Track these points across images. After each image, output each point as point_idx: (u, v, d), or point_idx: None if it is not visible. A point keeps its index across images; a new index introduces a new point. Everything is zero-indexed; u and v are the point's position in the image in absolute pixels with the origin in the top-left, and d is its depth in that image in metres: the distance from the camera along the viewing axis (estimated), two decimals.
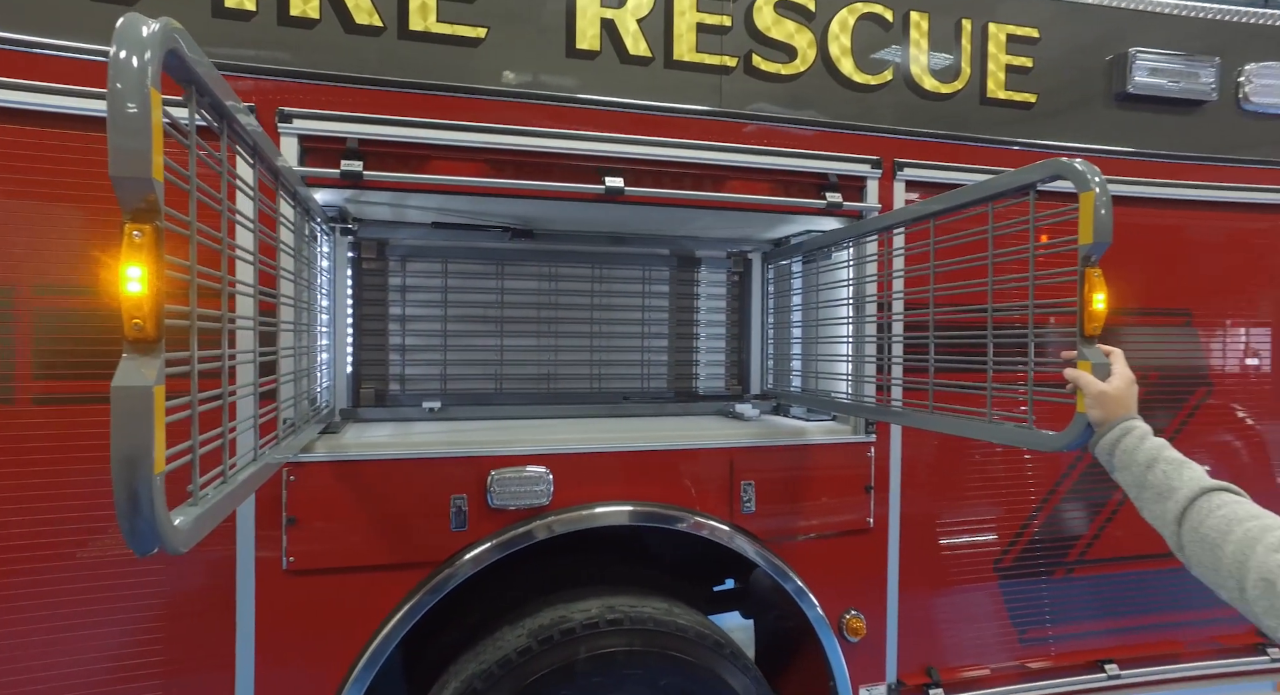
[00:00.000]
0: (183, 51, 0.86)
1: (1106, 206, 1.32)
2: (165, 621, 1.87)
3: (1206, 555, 1.08)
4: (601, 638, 2.06)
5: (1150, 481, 1.21)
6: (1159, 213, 2.70)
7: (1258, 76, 2.70)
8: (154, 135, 0.76)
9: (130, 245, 0.76)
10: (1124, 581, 2.71)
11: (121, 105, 0.74)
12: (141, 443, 0.76)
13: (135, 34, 0.77)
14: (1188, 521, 1.13)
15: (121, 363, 0.77)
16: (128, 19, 0.79)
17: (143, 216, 0.77)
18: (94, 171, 1.78)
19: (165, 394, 0.80)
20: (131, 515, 0.77)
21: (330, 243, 2.44)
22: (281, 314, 1.64)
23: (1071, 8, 2.60)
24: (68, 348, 1.78)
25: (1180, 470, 1.19)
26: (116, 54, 0.76)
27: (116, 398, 0.76)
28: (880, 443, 2.45)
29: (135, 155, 0.75)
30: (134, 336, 0.77)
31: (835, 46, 2.39)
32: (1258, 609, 1.00)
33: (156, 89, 0.77)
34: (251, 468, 1.22)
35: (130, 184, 0.76)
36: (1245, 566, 1.02)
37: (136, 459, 0.76)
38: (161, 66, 0.79)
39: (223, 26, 1.92)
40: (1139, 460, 1.23)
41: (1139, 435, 1.27)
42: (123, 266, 0.76)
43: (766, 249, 3.01)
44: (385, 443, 2.10)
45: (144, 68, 0.76)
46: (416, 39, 2.06)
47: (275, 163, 1.47)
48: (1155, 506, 1.19)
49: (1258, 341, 2.85)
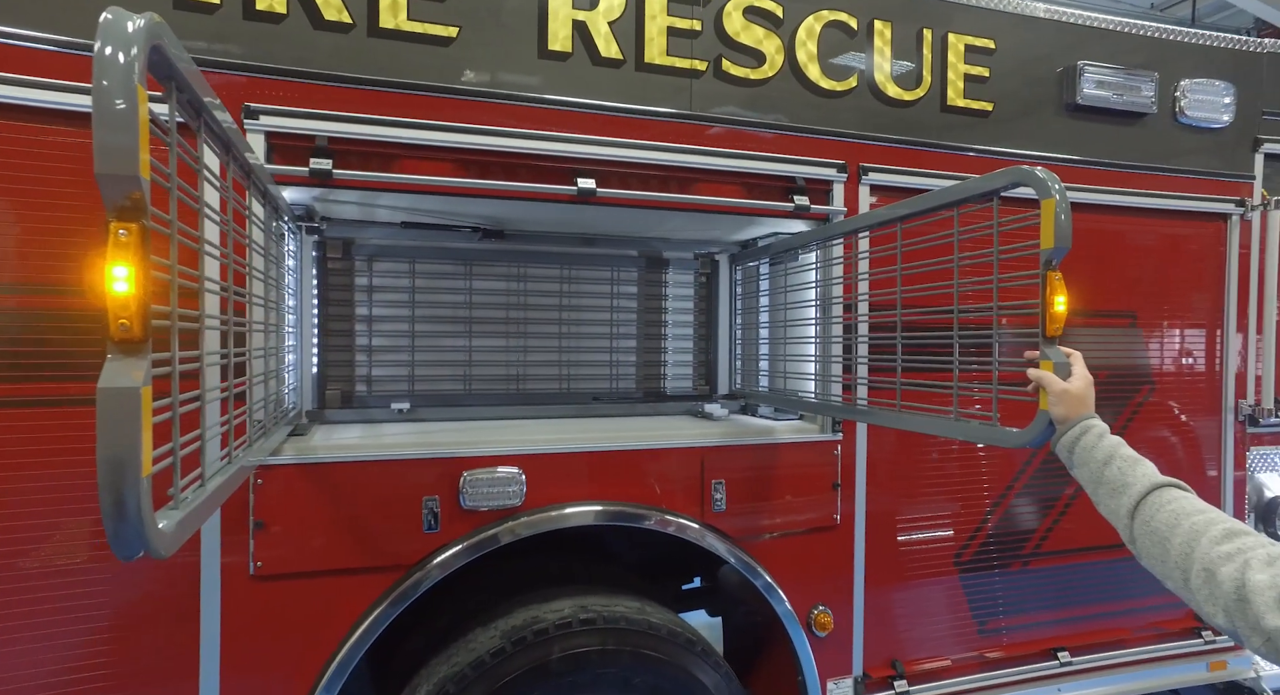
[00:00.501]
0: (166, 48, 0.85)
1: (1066, 212, 1.38)
2: (125, 631, 1.82)
3: (1156, 548, 1.15)
4: (575, 637, 2.07)
5: (1106, 477, 1.27)
6: (1106, 218, 2.83)
7: (1192, 92, 2.86)
8: (140, 132, 0.74)
9: (116, 244, 0.74)
10: (1075, 572, 2.83)
11: (108, 102, 0.72)
12: (129, 445, 0.74)
13: (121, 30, 0.75)
14: (1140, 516, 1.19)
15: (107, 364, 0.75)
16: (113, 14, 0.77)
17: (128, 215, 0.75)
18: (48, 165, 1.72)
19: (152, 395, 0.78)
20: (118, 518, 0.75)
21: (296, 241, 2.39)
22: (253, 314, 1.61)
23: (1025, 20, 2.71)
24: (15, 350, 1.72)
25: (1134, 467, 1.25)
26: (102, 50, 0.74)
27: (104, 399, 0.74)
28: (846, 441, 2.51)
29: (122, 152, 0.73)
30: (121, 337, 0.75)
31: (802, 52, 2.44)
32: (1200, 597, 1.06)
33: (142, 86, 0.75)
34: (228, 470, 1.20)
35: (116, 182, 0.74)
36: (1190, 558, 1.08)
37: (124, 461, 0.74)
38: (147, 63, 0.78)
39: (185, 19, 1.87)
40: (1096, 457, 1.30)
41: (1097, 433, 1.33)
42: (108, 265, 0.74)
43: (734, 250, 3.05)
44: (356, 444, 2.08)
45: (130, 64, 0.74)
46: (387, 37, 2.04)
47: (248, 160, 1.44)
48: (1110, 501, 1.26)
49: (1194, 342, 3.01)
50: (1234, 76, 2.93)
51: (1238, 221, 2.97)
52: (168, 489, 0.94)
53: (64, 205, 1.73)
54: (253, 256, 1.59)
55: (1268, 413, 2.99)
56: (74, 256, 1.73)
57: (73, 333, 1.74)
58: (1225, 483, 3.01)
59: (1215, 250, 2.99)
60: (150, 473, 0.78)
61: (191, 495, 1.00)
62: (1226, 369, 3.00)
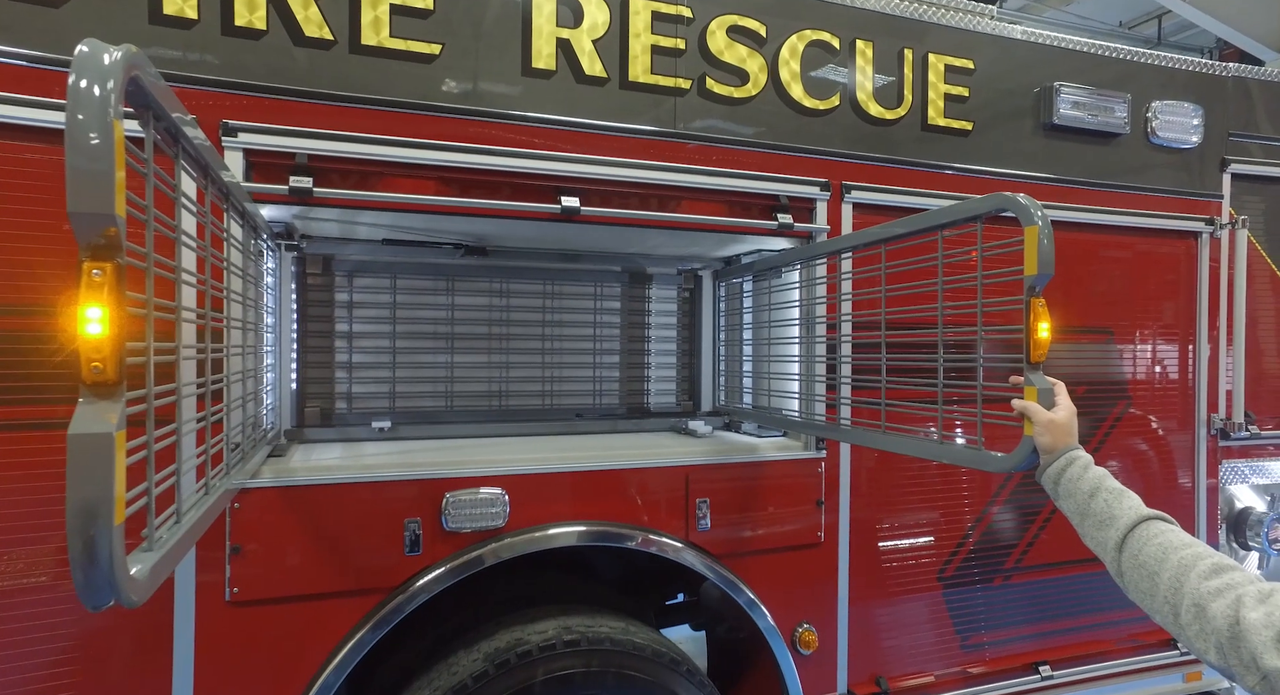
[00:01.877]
0: (143, 78, 0.82)
1: (1049, 239, 1.40)
2: (95, 659, 1.76)
3: (1144, 582, 1.15)
4: (559, 659, 2.05)
5: (1093, 510, 1.27)
6: (1082, 236, 2.88)
7: (1163, 113, 2.93)
8: (116, 167, 0.72)
9: (89, 284, 0.72)
10: (1055, 586, 2.86)
11: (83, 136, 0.70)
12: (101, 492, 0.71)
13: (97, 62, 0.73)
14: (1127, 549, 1.20)
15: (79, 408, 0.73)
16: (89, 47, 0.74)
17: (103, 253, 0.72)
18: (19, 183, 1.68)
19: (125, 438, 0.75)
20: (87, 567, 0.72)
21: (275, 258, 2.35)
22: (231, 337, 1.57)
23: (1002, 42, 2.75)
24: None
25: (1120, 499, 1.26)
26: (77, 83, 0.72)
27: (74, 446, 0.71)
28: (830, 458, 2.51)
29: (97, 188, 0.71)
30: (93, 380, 0.73)
31: (785, 71, 2.46)
32: (1190, 633, 1.07)
33: (119, 120, 0.73)
34: (206, 502, 1.16)
35: (90, 220, 0.71)
36: (1179, 593, 1.08)
37: (95, 509, 0.71)
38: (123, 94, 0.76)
39: (160, 33, 1.84)
40: (1082, 489, 1.30)
41: (1082, 465, 1.34)
42: (81, 307, 0.72)
43: (717, 267, 3.06)
44: (335, 465, 2.04)
45: (106, 97, 0.72)
46: (369, 53, 2.02)
47: (225, 181, 1.41)
48: (1097, 534, 1.26)
49: (1168, 357, 3.06)
50: (1201, 99, 3.00)
51: (1208, 239, 3.04)
52: (141, 530, 0.91)
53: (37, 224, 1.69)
54: (230, 280, 1.56)
55: (1238, 426, 3.05)
56: (48, 277, 1.69)
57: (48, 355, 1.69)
58: (1199, 494, 3.06)
59: (1187, 267, 3.05)
60: (124, 519, 0.76)
61: (166, 534, 0.96)
62: (1199, 383, 3.06)
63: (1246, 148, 3.11)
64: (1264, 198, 3.15)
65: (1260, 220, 3.14)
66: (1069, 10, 10.90)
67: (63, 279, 1.70)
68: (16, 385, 1.69)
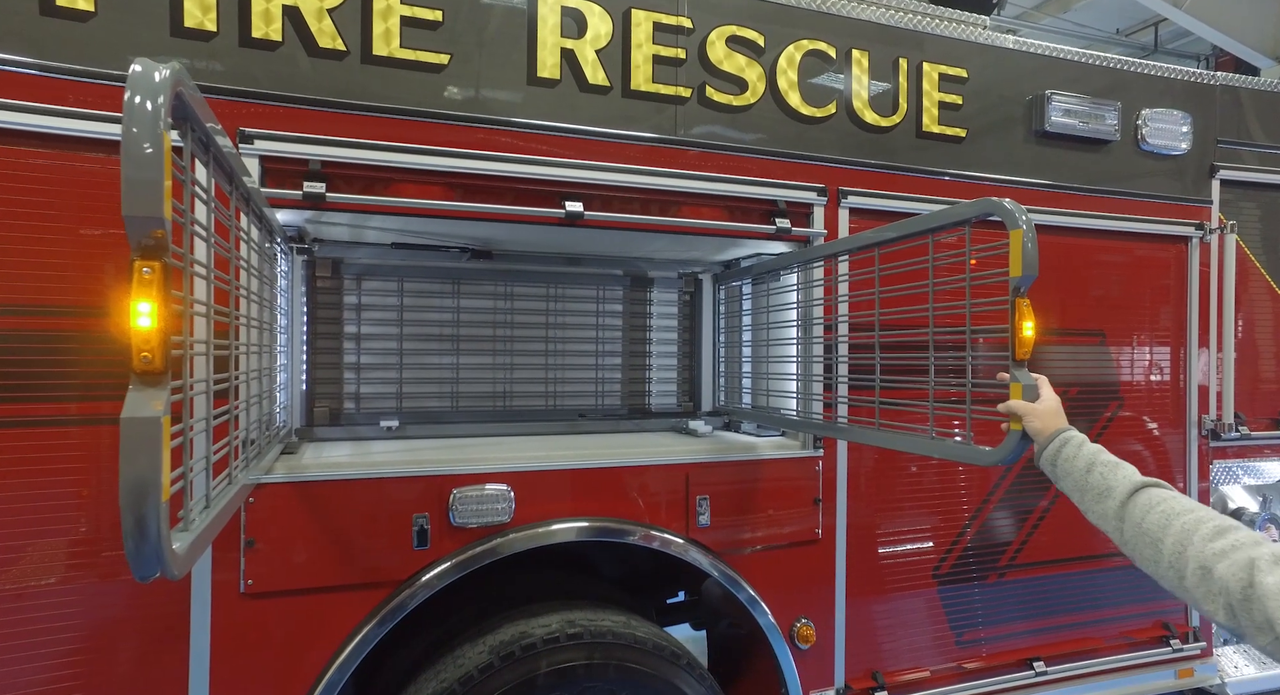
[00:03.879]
0: (185, 93, 0.89)
1: (1033, 242, 1.46)
2: (114, 650, 1.82)
3: (1149, 549, 1.18)
4: (562, 652, 2.10)
5: (1090, 484, 1.31)
6: (1075, 241, 2.94)
7: (1153, 120, 3.00)
8: (165, 175, 0.79)
9: (140, 281, 0.78)
10: (1049, 583, 2.91)
11: (137, 147, 0.77)
12: (151, 471, 0.78)
13: (149, 80, 0.80)
14: (1129, 517, 1.23)
15: (130, 394, 0.79)
16: (141, 66, 0.81)
17: (152, 253, 0.79)
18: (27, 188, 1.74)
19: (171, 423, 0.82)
20: (139, 540, 0.78)
21: (287, 261, 2.42)
22: (250, 336, 1.64)
23: (995, 51, 2.82)
24: None
25: (1115, 471, 1.30)
26: (132, 99, 0.78)
27: (127, 428, 0.78)
28: (827, 457, 2.57)
29: (148, 193, 0.77)
30: (143, 369, 0.79)
31: (783, 80, 2.53)
32: (1197, 594, 1.10)
33: (168, 132, 0.80)
34: (230, 491, 1.23)
35: (142, 222, 0.78)
36: (1184, 557, 1.11)
37: (146, 487, 0.78)
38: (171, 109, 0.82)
39: (181, 45, 1.91)
40: (1078, 467, 1.34)
41: (1076, 444, 1.38)
42: (133, 302, 0.78)
43: (717, 270, 3.13)
44: (346, 462, 2.10)
45: (158, 112, 0.79)
46: (380, 64, 2.09)
47: (247, 186, 1.48)
48: (1097, 507, 1.30)
49: (1160, 359, 3.12)
50: (1190, 106, 3.07)
51: (1198, 244, 3.10)
52: (178, 511, 0.97)
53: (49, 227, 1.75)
54: (251, 280, 1.62)
55: (1228, 427, 3.10)
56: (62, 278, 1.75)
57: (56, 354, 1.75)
58: (1191, 494, 3.12)
59: (1178, 271, 3.12)
60: (169, 496, 0.82)
61: (199, 517, 1.03)
62: (1190, 385, 3.12)
63: (1235, 154, 3.17)
64: (1255, 203, 3.22)
65: (1250, 225, 3.21)
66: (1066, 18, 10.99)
67: (76, 280, 1.77)
68: (29, 382, 1.75)
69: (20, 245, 1.74)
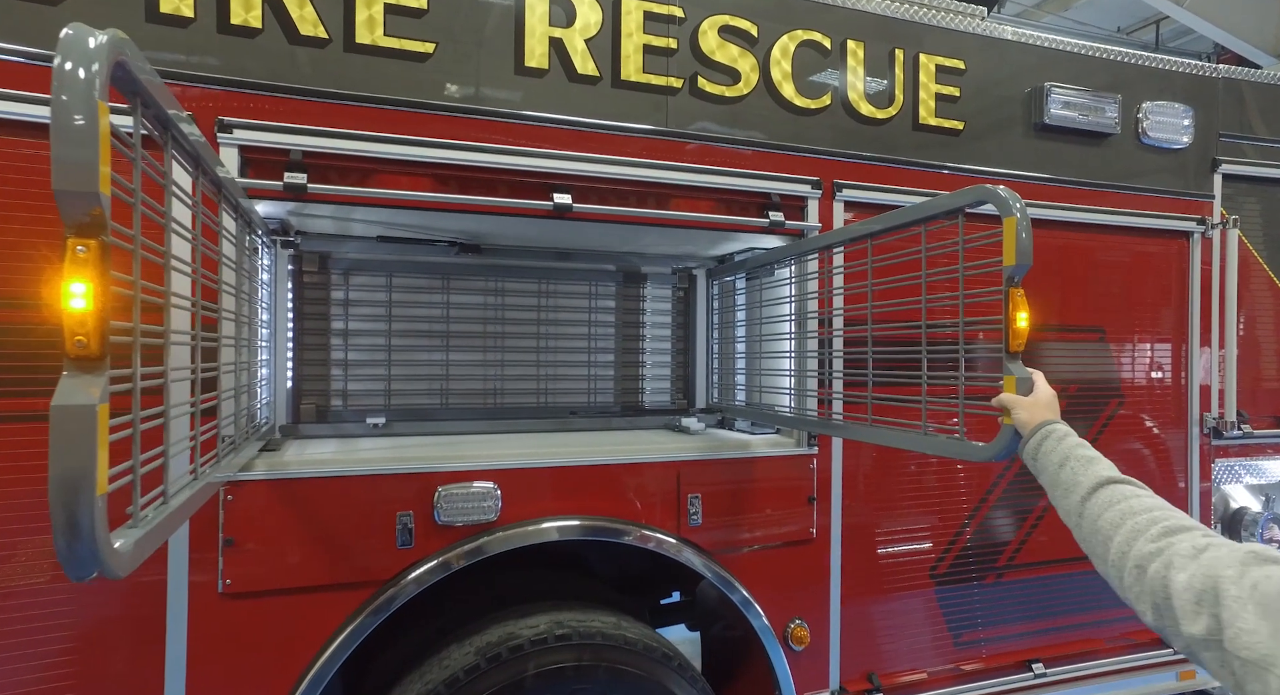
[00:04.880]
0: (130, 64, 0.84)
1: (1027, 230, 1.41)
2: (88, 652, 1.77)
3: (1099, 547, 1.12)
4: (550, 653, 2.06)
5: (1061, 479, 1.25)
6: (1074, 235, 2.89)
7: (1153, 114, 2.95)
8: (101, 149, 0.74)
9: (74, 260, 0.74)
10: (1048, 584, 2.86)
11: (67, 118, 0.72)
12: (83, 463, 0.73)
13: (82, 46, 0.75)
14: (1087, 514, 1.16)
15: (62, 381, 0.75)
16: (74, 30, 0.76)
17: (87, 231, 0.74)
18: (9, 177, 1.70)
19: (109, 412, 0.77)
20: (70, 538, 0.74)
21: (271, 255, 2.38)
22: (223, 329, 1.59)
23: (994, 42, 2.77)
24: None
25: (1087, 467, 1.22)
26: (62, 65, 0.74)
27: (57, 417, 0.73)
28: (822, 455, 2.52)
29: (81, 169, 0.73)
30: (77, 354, 0.74)
31: (777, 71, 2.48)
32: (1131, 596, 1.03)
33: (104, 102, 0.75)
34: (193, 487, 1.18)
35: (75, 198, 0.73)
36: (1126, 557, 1.05)
37: (78, 480, 0.73)
38: (109, 79, 0.78)
39: (157, 32, 1.86)
40: (1054, 460, 1.28)
41: (1057, 437, 1.32)
42: (66, 282, 0.74)
43: (711, 265, 3.08)
44: (328, 459, 2.06)
45: (91, 80, 0.74)
46: (363, 52, 2.05)
47: (218, 174, 1.44)
48: (1063, 502, 1.23)
49: (1161, 356, 3.07)
50: (1192, 100, 3.02)
51: (1199, 239, 3.05)
52: (126, 507, 0.92)
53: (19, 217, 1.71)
54: (223, 271, 1.58)
55: (1230, 425, 3.05)
56: (31, 270, 1.71)
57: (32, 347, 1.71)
58: (1192, 493, 3.07)
59: (1179, 267, 3.07)
60: (106, 491, 0.77)
61: (153, 513, 0.98)
62: (1192, 382, 3.07)
63: (1237, 148, 3.12)
64: (1257, 198, 3.17)
65: (1253, 220, 3.16)
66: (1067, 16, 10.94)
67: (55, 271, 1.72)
68: (13, 377, 1.71)
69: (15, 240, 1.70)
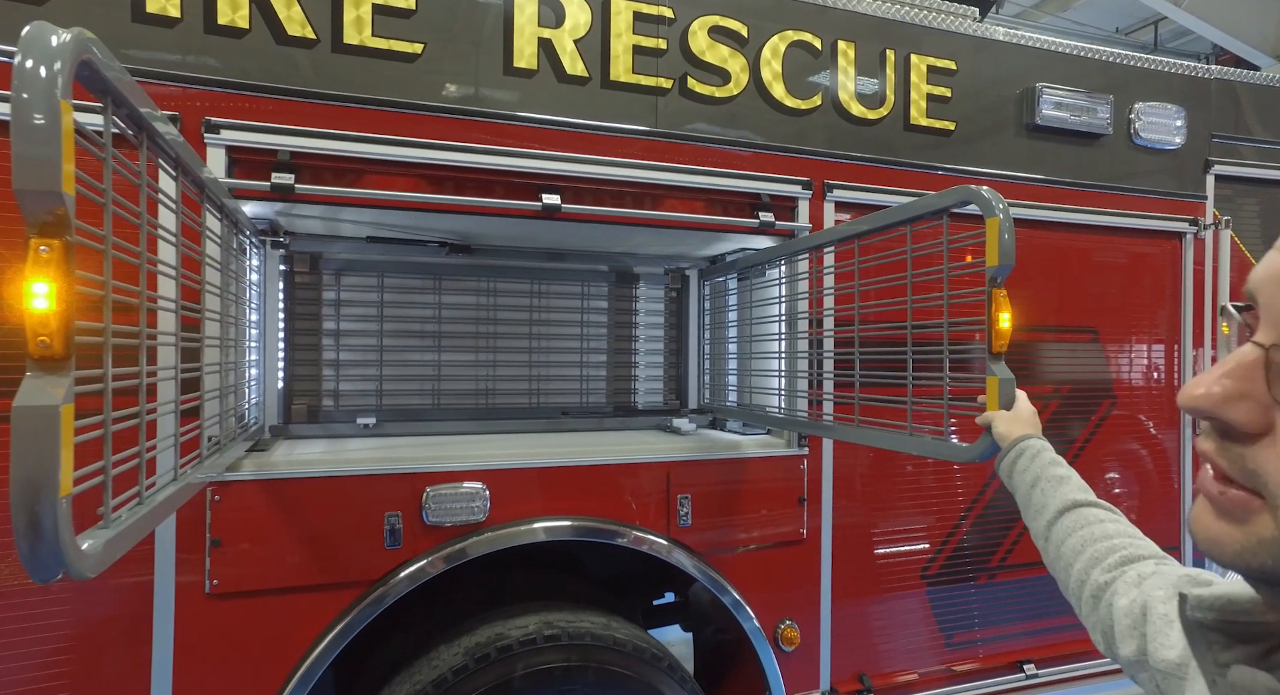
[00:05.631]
0: (96, 62, 0.84)
1: (1010, 231, 1.41)
2: (73, 653, 1.77)
3: (1062, 574, 1.10)
4: (539, 654, 2.05)
5: (1033, 500, 1.22)
6: (1066, 236, 2.89)
7: (1145, 114, 2.95)
8: (64, 147, 0.74)
9: (36, 260, 0.73)
10: (1040, 585, 2.85)
11: (28, 116, 0.72)
12: (45, 464, 0.73)
13: (44, 44, 0.75)
14: (1052, 538, 1.14)
15: (25, 381, 0.74)
16: (35, 27, 0.76)
17: (50, 231, 0.74)
18: None
19: (75, 413, 0.77)
20: (32, 540, 0.73)
21: (260, 256, 2.37)
22: (206, 329, 1.59)
23: (985, 43, 2.77)
24: None
25: (1057, 488, 1.18)
26: (23, 63, 0.73)
27: (19, 418, 0.73)
28: (812, 456, 2.52)
29: (42, 167, 0.72)
30: (40, 354, 0.74)
31: (767, 71, 2.48)
32: (1087, 624, 1.02)
33: (67, 100, 0.75)
34: (171, 487, 1.18)
35: (36, 197, 0.73)
36: (1084, 585, 1.03)
37: (39, 482, 0.73)
38: (74, 77, 0.77)
39: (143, 32, 1.86)
40: (1026, 480, 1.25)
41: (1031, 454, 1.28)
42: (28, 282, 0.73)
43: (703, 266, 3.08)
44: (316, 460, 2.05)
45: (53, 78, 0.73)
46: (351, 53, 2.05)
47: (200, 174, 1.43)
48: (1033, 525, 1.21)
49: (1154, 357, 3.07)
50: (1185, 100, 3.02)
51: (1192, 240, 3.05)
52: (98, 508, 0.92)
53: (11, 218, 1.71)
54: (207, 271, 1.57)
55: None
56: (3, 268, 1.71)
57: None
58: (1185, 494, 3.06)
59: (1172, 267, 3.06)
60: (70, 493, 0.77)
61: (126, 514, 0.98)
62: (1184, 383, 3.06)
63: (1230, 149, 3.12)
64: (1250, 199, 3.16)
65: (1245, 221, 3.15)
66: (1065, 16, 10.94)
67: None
68: None
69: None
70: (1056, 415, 2.84)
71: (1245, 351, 0.52)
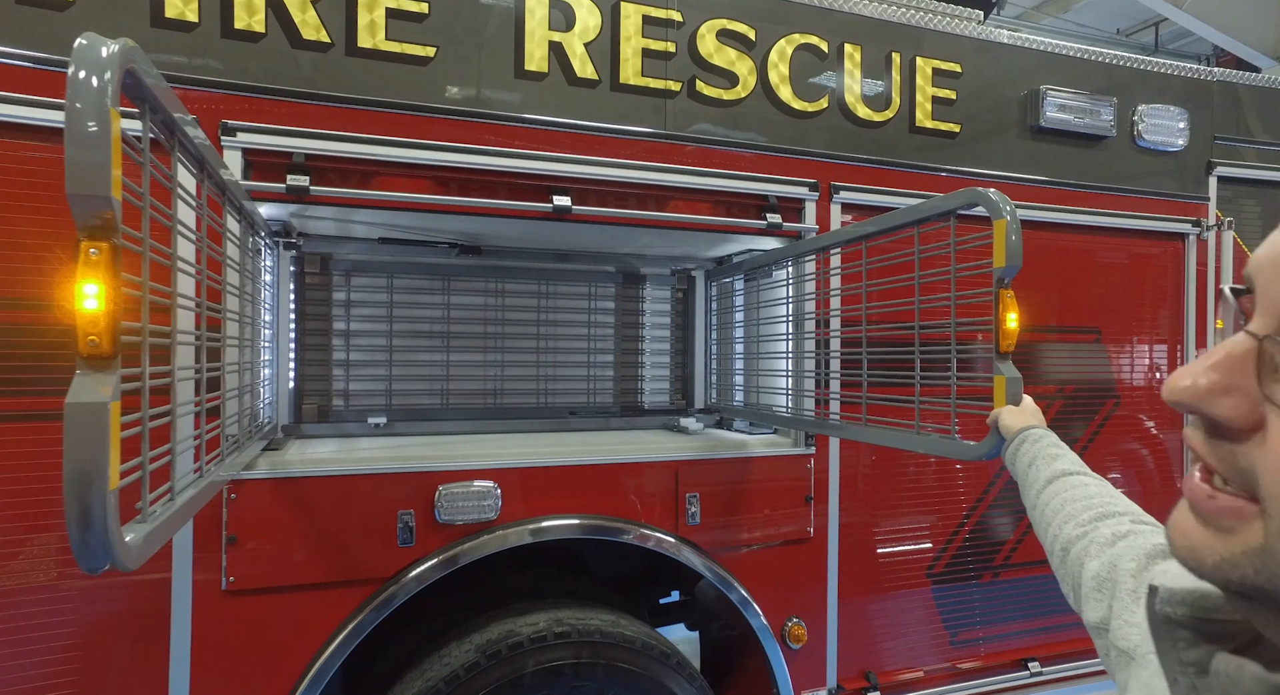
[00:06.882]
0: (139, 71, 0.87)
1: (1017, 233, 1.44)
2: (93, 649, 1.80)
3: (1042, 535, 1.11)
4: (549, 651, 2.08)
5: (1029, 478, 1.24)
6: (1070, 237, 2.91)
7: (1149, 116, 2.98)
8: (113, 153, 0.76)
9: (87, 262, 0.76)
10: (1044, 582, 2.88)
11: (81, 124, 0.75)
12: (96, 458, 0.76)
13: (95, 55, 0.78)
14: (1038, 506, 1.15)
15: (76, 379, 0.77)
16: (87, 39, 0.79)
17: (99, 234, 0.77)
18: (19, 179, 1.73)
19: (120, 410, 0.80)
20: (84, 531, 0.76)
21: (273, 256, 2.40)
22: (226, 329, 1.62)
23: (989, 46, 2.80)
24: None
25: (1049, 464, 1.20)
26: (76, 74, 0.76)
27: (71, 413, 0.76)
28: (819, 455, 2.55)
29: (94, 172, 0.75)
30: (89, 353, 0.77)
31: (774, 74, 2.50)
32: (1059, 577, 1.02)
33: (115, 109, 0.78)
34: (198, 484, 1.20)
35: (88, 201, 0.76)
36: (1057, 540, 1.03)
37: (91, 475, 0.76)
38: (120, 86, 0.80)
39: (162, 36, 1.89)
40: (1024, 461, 1.28)
41: (1032, 440, 1.31)
42: (79, 283, 0.76)
43: (710, 267, 3.10)
44: (330, 459, 2.08)
45: (104, 88, 0.77)
46: (365, 56, 2.07)
47: (222, 177, 1.46)
48: (1026, 499, 1.22)
49: (1157, 357, 3.09)
50: (1187, 102, 3.05)
51: (1194, 241, 3.07)
52: (135, 503, 0.95)
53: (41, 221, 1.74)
54: (227, 272, 1.60)
55: None
56: (32, 272, 1.74)
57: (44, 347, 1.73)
58: None
59: (1175, 268, 3.09)
60: (118, 486, 0.80)
61: (160, 509, 1.01)
62: None
63: (1233, 151, 3.15)
64: (1253, 200, 3.19)
65: (1248, 222, 3.18)
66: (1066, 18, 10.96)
67: (67, 273, 1.74)
68: (16, 377, 1.74)
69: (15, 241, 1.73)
70: (1060, 415, 2.87)
71: (1236, 341, 0.48)
